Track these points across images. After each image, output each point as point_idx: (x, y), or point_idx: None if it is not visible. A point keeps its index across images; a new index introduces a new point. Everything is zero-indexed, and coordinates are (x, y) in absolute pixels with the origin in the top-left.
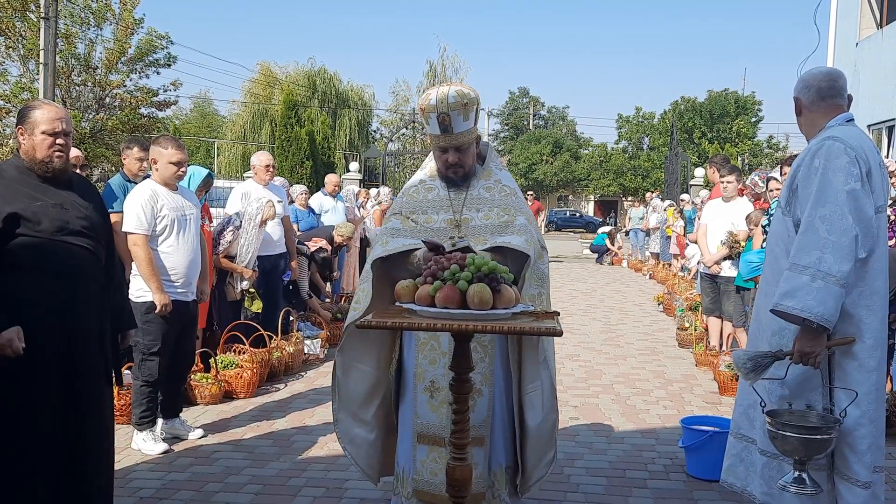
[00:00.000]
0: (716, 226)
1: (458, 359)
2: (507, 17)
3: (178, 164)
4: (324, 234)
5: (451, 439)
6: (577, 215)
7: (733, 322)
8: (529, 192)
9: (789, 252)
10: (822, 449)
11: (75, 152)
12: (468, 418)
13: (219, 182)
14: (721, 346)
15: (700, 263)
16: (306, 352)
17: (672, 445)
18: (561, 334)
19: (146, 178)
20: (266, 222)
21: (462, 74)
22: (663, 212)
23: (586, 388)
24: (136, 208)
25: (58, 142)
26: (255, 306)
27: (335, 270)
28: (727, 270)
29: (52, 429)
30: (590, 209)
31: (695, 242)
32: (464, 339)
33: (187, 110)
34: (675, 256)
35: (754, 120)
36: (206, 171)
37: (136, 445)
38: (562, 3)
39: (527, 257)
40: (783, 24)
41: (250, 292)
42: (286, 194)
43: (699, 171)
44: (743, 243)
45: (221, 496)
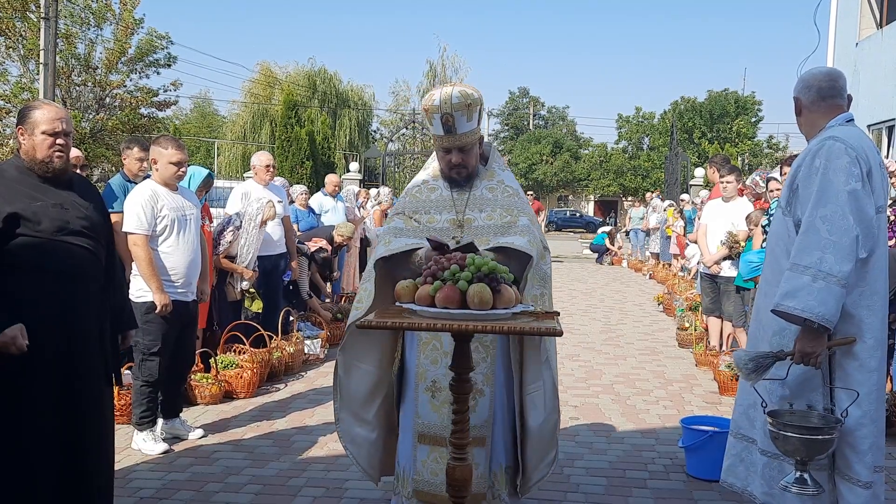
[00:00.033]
0: (716, 226)
1: (458, 359)
2: (507, 17)
3: (178, 164)
4: (324, 234)
5: (451, 439)
6: (577, 215)
7: (733, 322)
8: (529, 192)
9: (789, 252)
10: (823, 449)
11: (75, 152)
12: (468, 418)
13: (219, 182)
14: (721, 346)
15: (700, 263)
16: (306, 352)
17: (672, 445)
18: (561, 334)
19: (146, 178)
20: (266, 222)
21: (462, 74)
22: (663, 212)
23: (586, 388)
24: (137, 208)
25: (58, 142)
26: (255, 306)
27: (335, 270)
28: (727, 270)
29: (52, 429)
30: (590, 209)
31: (694, 242)
32: (464, 339)
33: (187, 110)
34: (675, 256)
35: (754, 120)
36: (206, 172)
37: (136, 445)
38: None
39: (529, 258)
40: (783, 24)
41: (250, 292)
42: (286, 194)
43: (699, 171)
44: (743, 243)
45: (221, 496)
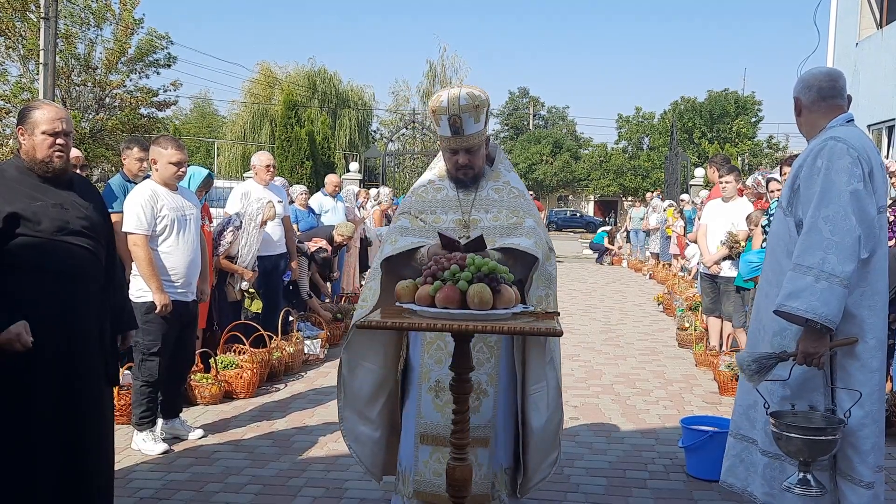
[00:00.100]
0: (715, 226)
1: (458, 359)
2: (506, 18)
3: (177, 164)
4: (323, 234)
5: (452, 439)
6: (577, 215)
7: (733, 322)
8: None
9: (790, 252)
10: (827, 450)
11: (75, 152)
12: (468, 418)
13: (219, 182)
14: (721, 347)
15: (700, 264)
16: (306, 352)
17: (672, 445)
18: (561, 334)
19: (146, 178)
20: (266, 223)
21: (462, 74)
22: (663, 212)
23: (586, 388)
24: (136, 208)
25: (58, 142)
26: (255, 306)
27: (335, 271)
28: (727, 271)
29: (52, 429)
30: (590, 209)
31: (694, 242)
32: (464, 339)
33: (187, 110)
34: (675, 256)
35: (754, 120)
36: (206, 172)
37: (136, 445)
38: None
39: (535, 259)
40: (783, 24)
41: (250, 292)
42: (286, 194)
43: (699, 171)
44: (743, 243)
45: (221, 496)
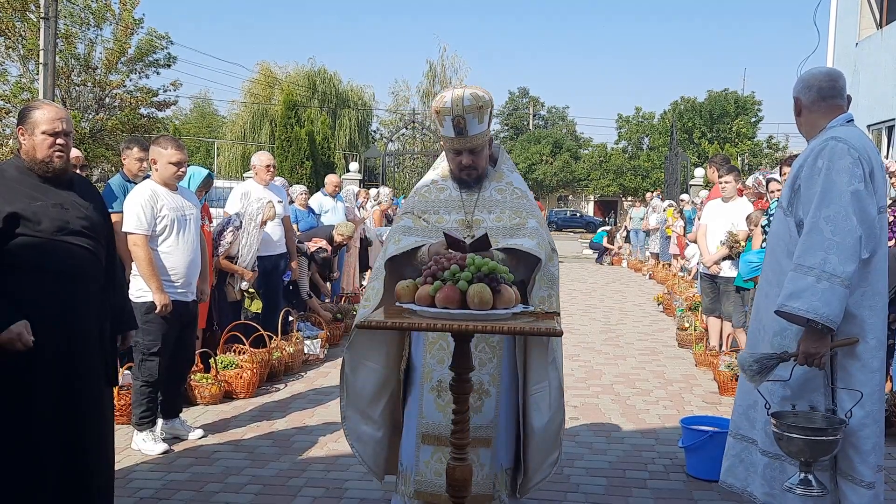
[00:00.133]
0: (715, 226)
1: (458, 359)
2: (506, 18)
3: (177, 164)
4: (323, 234)
5: (452, 439)
6: (577, 215)
7: (733, 322)
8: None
9: (791, 252)
10: (828, 450)
11: (75, 153)
12: (468, 418)
13: (219, 182)
14: (721, 347)
15: (700, 264)
16: (306, 352)
17: (672, 445)
18: (561, 334)
19: (146, 178)
20: (266, 223)
21: (462, 74)
22: (663, 212)
23: (586, 388)
24: (136, 208)
25: (58, 142)
26: (255, 306)
27: (335, 271)
28: (727, 271)
29: (53, 429)
30: (589, 209)
31: (694, 242)
32: (464, 339)
33: (187, 110)
34: (674, 256)
35: (754, 120)
36: (205, 172)
37: (136, 445)
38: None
39: (538, 260)
40: (783, 24)
41: (250, 292)
42: (286, 194)
43: (699, 172)
44: (743, 243)
45: (221, 496)
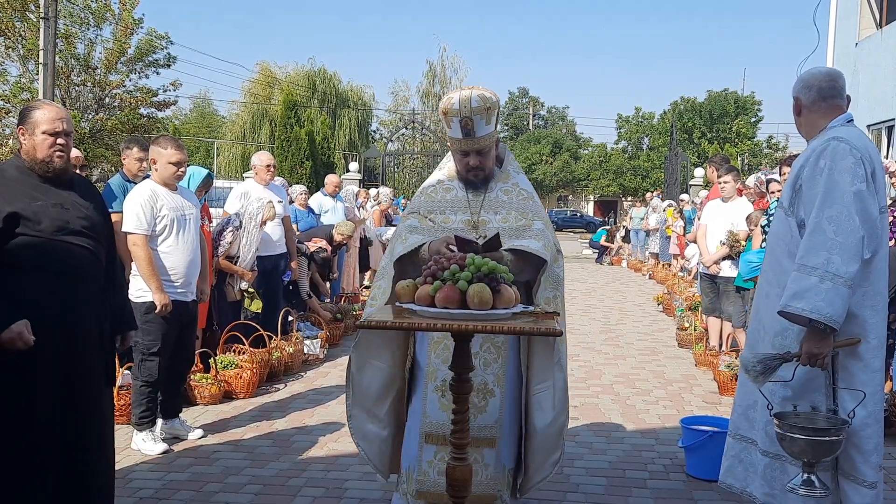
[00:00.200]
0: (715, 226)
1: (459, 359)
2: (506, 18)
3: (177, 164)
4: (323, 234)
5: (452, 439)
6: (577, 215)
7: (733, 322)
8: None
9: (791, 252)
10: (831, 451)
11: (75, 153)
12: (468, 418)
13: (218, 182)
14: (721, 347)
15: (700, 264)
16: (306, 352)
17: (672, 445)
18: (560, 334)
19: (146, 178)
20: (266, 223)
21: (462, 74)
22: (662, 212)
23: (586, 388)
24: (136, 208)
25: (58, 142)
26: (255, 306)
27: (335, 271)
28: (727, 270)
29: (53, 429)
30: (589, 209)
31: (693, 242)
32: (464, 339)
33: (187, 110)
34: (674, 256)
35: (754, 120)
36: (205, 172)
37: (136, 445)
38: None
39: (544, 261)
40: (783, 24)
41: (250, 292)
42: (286, 194)
43: (699, 172)
44: (743, 242)
45: (221, 496)
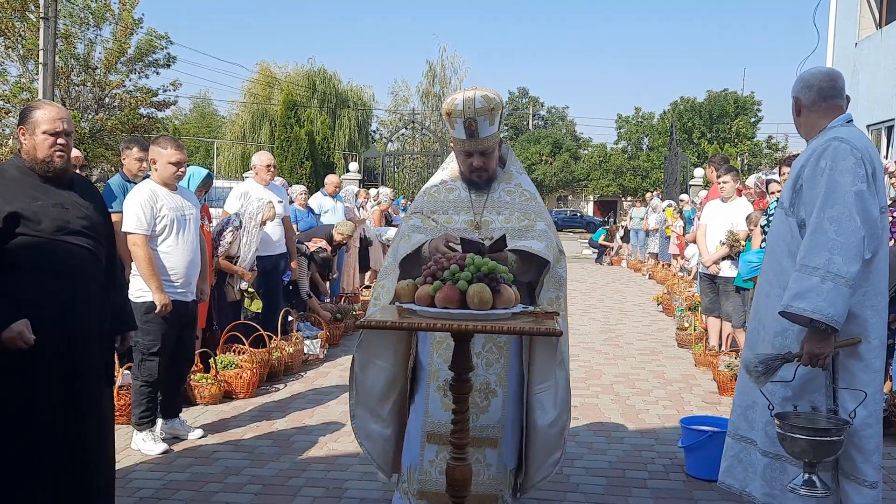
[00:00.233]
0: (714, 226)
1: (458, 359)
2: (506, 18)
3: (177, 164)
4: (323, 234)
5: (451, 439)
6: (577, 215)
7: (732, 322)
8: None
9: (791, 252)
10: (832, 451)
11: (75, 153)
12: (468, 418)
13: (218, 182)
14: (720, 347)
15: (699, 264)
16: (306, 352)
17: (672, 445)
18: (560, 334)
19: (146, 178)
20: (265, 223)
21: (462, 74)
22: (662, 212)
23: (586, 388)
24: (136, 208)
25: (59, 141)
26: (255, 306)
27: (334, 271)
28: (726, 270)
29: (53, 429)
30: (589, 209)
31: (693, 243)
32: (463, 339)
33: (187, 110)
34: (674, 256)
35: (753, 120)
36: (205, 172)
37: (136, 445)
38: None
39: (547, 262)
40: (783, 24)
41: (249, 292)
42: (286, 194)
43: (698, 172)
44: (743, 242)
45: (221, 496)
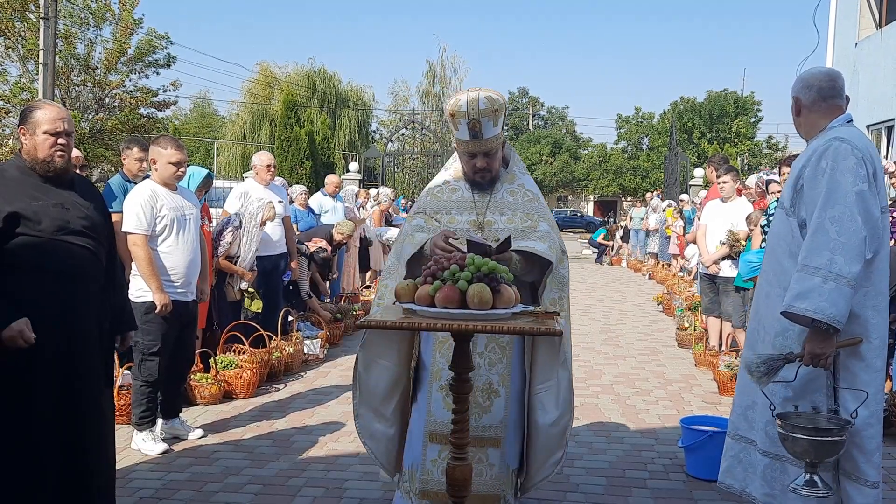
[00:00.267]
0: (714, 226)
1: (458, 359)
2: (506, 18)
3: (177, 164)
4: (322, 234)
5: (451, 438)
6: (577, 215)
7: (733, 322)
8: None
9: (793, 252)
10: (834, 451)
11: (75, 153)
12: (468, 418)
13: (218, 182)
14: (720, 347)
15: (700, 264)
16: (306, 352)
17: (672, 445)
18: (560, 334)
19: (146, 178)
20: (265, 223)
21: (462, 75)
22: (662, 212)
23: (586, 388)
24: (136, 208)
25: (59, 141)
26: (255, 306)
27: (334, 271)
28: (726, 270)
29: (53, 429)
30: (589, 209)
31: (693, 243)
32: (464, 338)
33: (187, 110)
34: (674, 256)
35: (753, 120)
36: (205, 172)
37: (136, 445)
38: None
39: (549, 263)
40: (783, 25)
41: (249, 292)
42: (286, 194)
43: (698, 172)
44: (743, 242)
45: (221, 496)
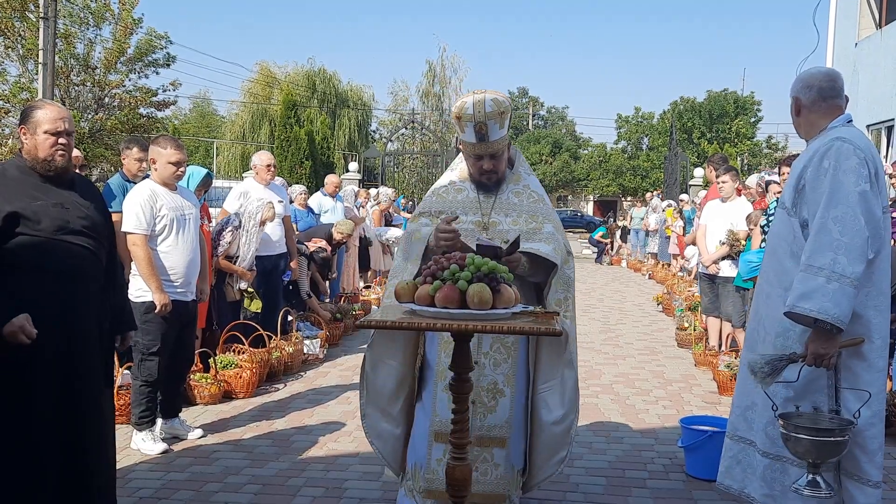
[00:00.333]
0: (714, 226)
1: (458, 358)
2: (506, 18)
3: (177, 164)
4: (322, 233)
5: (451, 438)
6: (577, 215)
7: (732, 322)
8: None
9: (794, 252)
10: (836, 452)
11: (75, 153)
12: (468, 418)
13: (218, 182)
14: (720, 346)
15: (699, 264)
16: (305, 352)
17: (671, 445)
18: (560, 334)
19: (145, 178)
20: (265, 223)
21: (462, 75)
22: (662, 212)
23: (586, 388)
24: (136, 208)
25: (60, 141)
26: (255, 306)
27: (334, 271)
28: (726, 270)
29: (53, 429)
30: (589, 209)
31: (693, 244)
32: (464, 338)
33: (186, 110)
34: (674, 256)
35: (753, 120)
36: (205, 171)
37: (136, 445)
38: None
39: (554, 264)
40: (782, 25)
41: (249, 292)
42: (286, 194)
43: (698, 172)
44: (743, 241)
45: (221, 496)
